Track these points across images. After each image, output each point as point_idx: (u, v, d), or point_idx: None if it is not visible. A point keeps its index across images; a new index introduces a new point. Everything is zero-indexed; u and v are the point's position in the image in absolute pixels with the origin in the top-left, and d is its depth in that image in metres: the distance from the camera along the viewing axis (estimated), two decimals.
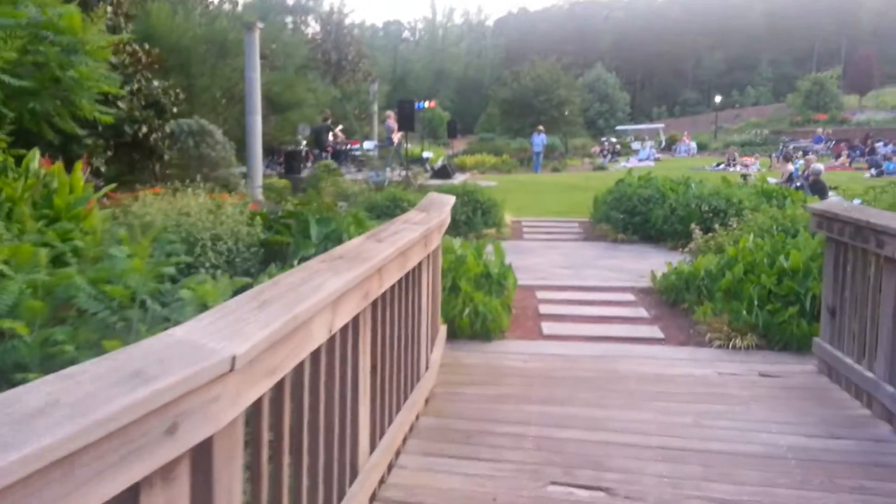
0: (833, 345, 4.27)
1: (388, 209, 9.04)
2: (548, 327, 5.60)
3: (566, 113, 38.25)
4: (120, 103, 10.74)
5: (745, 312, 5.13)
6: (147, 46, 11.09)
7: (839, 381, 4.19)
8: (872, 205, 5.81)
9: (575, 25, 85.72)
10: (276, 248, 5.35)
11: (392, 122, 18.11)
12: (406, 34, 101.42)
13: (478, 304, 5.17)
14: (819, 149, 29.54)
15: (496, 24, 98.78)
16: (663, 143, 39.70)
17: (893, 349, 3.60)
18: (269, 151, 17.95)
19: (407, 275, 3.22)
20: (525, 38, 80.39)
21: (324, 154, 16.81)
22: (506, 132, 39.07)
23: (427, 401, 3.83)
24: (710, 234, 7.82)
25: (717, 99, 54.43)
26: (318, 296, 1.92)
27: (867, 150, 27.50)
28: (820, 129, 35.72)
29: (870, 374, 3.81)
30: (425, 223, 3.46)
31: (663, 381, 4.25)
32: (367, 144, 22.96)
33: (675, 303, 6.16)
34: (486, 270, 5.75)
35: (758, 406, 3.87)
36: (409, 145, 30.41)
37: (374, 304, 2.69)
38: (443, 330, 4.69)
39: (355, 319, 2.41)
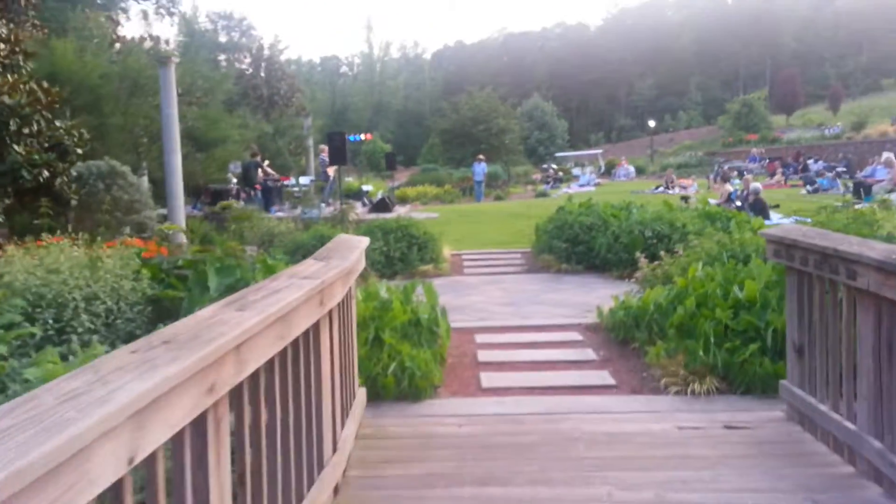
0: (803, 389, 3.77)
1: (314, 249, 8.31)
2: (487, 378, 4.97)
3: (506, 141, 38.37)
4: (16, 146, 9.82)
5: (701, 352, 4.62)
6: (46, 85, 10.18)
7: (813, 431, 3.67)
8: (826, 226, 5.44)
9: (510, 57, 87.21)
10: (167, 305, 4.61)
11: (326, 156, 17.45)
12: (344, 69, 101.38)
13: (404, 359, 4.52)
14: (754, 168, 30.12)
15: (433, 56, 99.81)
16: (602, 169, 40.09)
17: (877, 396, 3.10)
18: (195, 191, 17.05)
19: (295, 343, 2.56)
20: (462, 70, 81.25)
21: (252, 191, 16.00)
22: (448, 162, 38.92)
23: (337, 489, 3.14)
24: (656, 262, 7.38)
25: (651, 124, 55.61)
26: (96, 415, 1.25)
27: (800, 167, 28.11)
28: (755, 149, 36.56)
29: (850, 426, 3.30)
30: (319, 276, 2.81)
31: (617, 443, 3.67)
32: (303, 180, 22.25)
33: (625, 341, 5.63)
34: (414, 317, 5.11)
35: (727, 470, 3.31)
36: (349, 178, 29.85)
37: (237, 392, 2.03)
38: (361, 394, 4.02)
39: (198, 424, 1.74)
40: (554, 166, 39.66)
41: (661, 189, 24.28)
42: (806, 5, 78.71)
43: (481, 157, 28.78)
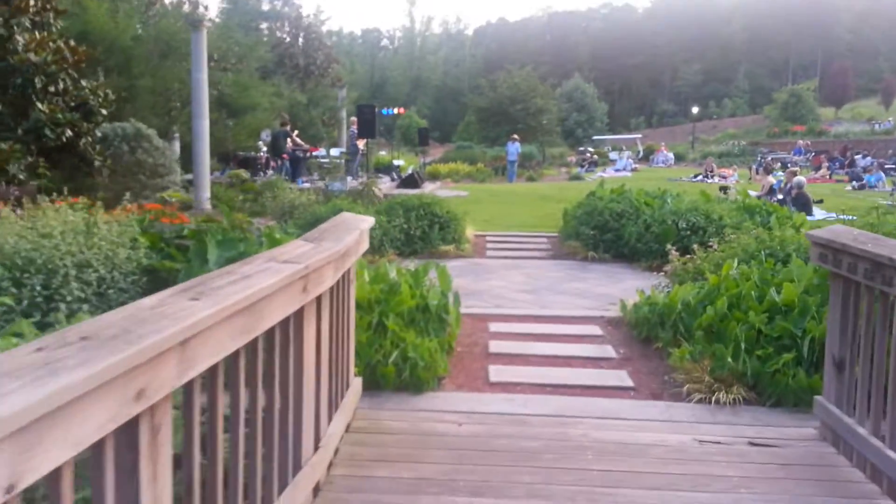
0: (841, 408, 3.41)
1: None
2: (496, 372, 4.69)
3: (543, 122, 37.77)
4: (40, 104, 9.72)
5: (729, 358, 4.26)
6: (73, 43, 10.05)
7: (848, 455, 3.32)
8: (876, 229, 5.00)
9: (553, 36, 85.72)
10: (164, 276, 4.40)
11: (356, 129, 17.18)
12: (385, 42, 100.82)
13: (408, 348, 4.25)
14: (799, 160, 29.07)
15: (475, 33, 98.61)
16: (641, 154, 39.18)
17: None
18: (224, 157, 16.93)
19: (269, 334, 2.30)
20: (504, 47, 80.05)
21: (280, 161, 15.81)
22: (483, 141, 38.43)
23: (317, 490, 2.90)
24: (688, 256, 6.98)
25: (695, 110, 54.23)
26: None
27: (847, 162, 27.05)
28: (800, 141, 35.31)
29: (893, 454, 2.94)
30: (303, 260, 2.53)
31: (629, 455, 3.35)
32: (334, 151, 22.06)
33: (647, 340, 5.28)
34: (423, 302, 4.83)
35: (749, 494, 2.99)
36: (382, 152, 29.55)
37: (187, 392, 1.77)
38: (357, 384, 3.76)
39: (125, 433, 1.48)
40: (591, 149, 38.87)
41: (699, 177, 23.59)
42: None
43: (515, 136, 28.27)
